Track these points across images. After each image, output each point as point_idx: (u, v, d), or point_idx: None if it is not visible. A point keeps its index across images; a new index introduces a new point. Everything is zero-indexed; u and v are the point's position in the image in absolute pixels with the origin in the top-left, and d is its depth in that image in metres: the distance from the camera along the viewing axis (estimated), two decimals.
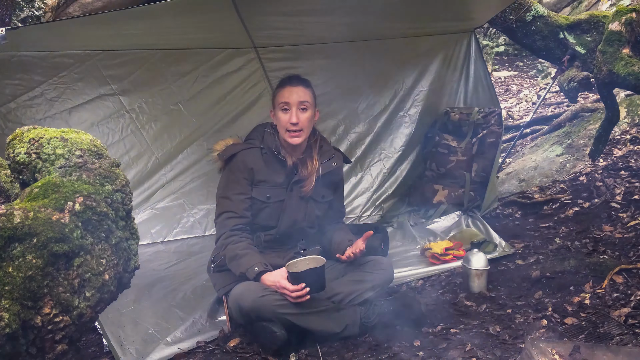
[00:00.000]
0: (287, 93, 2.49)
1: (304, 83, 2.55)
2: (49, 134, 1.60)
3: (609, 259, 2.75)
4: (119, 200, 1.59)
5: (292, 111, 2.47)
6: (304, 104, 2.48)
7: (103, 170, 1.58)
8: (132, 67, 3.41)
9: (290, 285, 2.26)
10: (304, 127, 2.49)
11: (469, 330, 2.35)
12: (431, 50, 3.91)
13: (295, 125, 2.46)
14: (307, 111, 2.50)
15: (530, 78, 7.87)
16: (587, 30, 3.91)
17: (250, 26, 3.20)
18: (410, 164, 4.11)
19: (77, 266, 1.41)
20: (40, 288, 1.33)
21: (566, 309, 2.40)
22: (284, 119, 2.48)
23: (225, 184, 2.56)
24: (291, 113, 2.46)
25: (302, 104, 2.48)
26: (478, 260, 2.73)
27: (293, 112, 2.46)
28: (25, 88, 3.10)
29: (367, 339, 2.37)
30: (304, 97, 2.49)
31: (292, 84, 2.51)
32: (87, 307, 1.44)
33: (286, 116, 2.47)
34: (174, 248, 3.58)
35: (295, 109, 2.47)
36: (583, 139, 4.48)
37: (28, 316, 1.31)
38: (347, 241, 2.58)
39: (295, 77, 2.56)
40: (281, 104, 2.49)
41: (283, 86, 2.53)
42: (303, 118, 2.48)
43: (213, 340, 2.47)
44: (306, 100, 2.49)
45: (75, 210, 1.44)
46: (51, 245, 1.35)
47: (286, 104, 2.48)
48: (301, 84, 2.52)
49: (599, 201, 3.46)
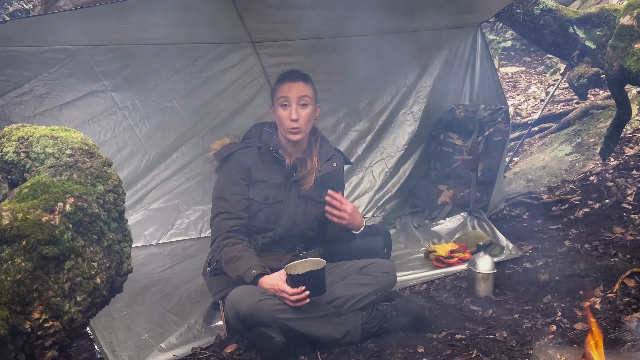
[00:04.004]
0: (287, 88, 2.50)
1: (304, 78, 2.55)
2: (38, 132, 1.60)
3: (620, 261, 2.75)
4: (111, 201, 1.59)
5: (292, 107, 2.47)
6: (304, 99, 2.49)
7: (95, 169, 1.58)
8: (124, 62, 3.40)
9: (290, 288, 2.26)
10: (303, 123, 2.50)
11: (474, 336, 2.35)
12: (435, 45, 3.90)
13: (295, 121, 2.47)
14: (307, 107, 2.50)
15: (539, 74, 7.87)
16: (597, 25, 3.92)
17: (248, 20, 3.20)
18: (414, 164, 4.10)
19: (68, 269, 1.41)
20: (29, 292, 1.33)
21: (576, 314, 2.40)
22: (284, 115, 2.49)
23: (221, 184, 2.56)
24: (291, 109, 2.47)
25: (302, 99, 2.49)
26: (484, 263, 2.73)
27: (293, 108, 2.47)
28: (14, 84, 3.10)
29: (369, 345, 2.36)
30: (304, 92, 2.50)
31: (292, 79, 2.52)
32: (78, 312, 1.43)
33: (285, 112, 2.48)
34: (168, 251, 3.58)
35: (295, 105, 2.47)
36: (593, 138, 4.48)
37: (17, 321, 1.30)
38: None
39: (295, 72, 2.57)
40: (280, 99, 2.49)
41: (282, 81, 2.53)
42: (303, 114, 2.49)
43: (209, 347, 2.46)
44: (306, 95, 2.50)
45: (65, 211, 1.44)
46: (41, 247, 1.35)
47: (285, 99, 2.48)
48: (301, 79, 2.53)
49: (609, 202, 3.46)
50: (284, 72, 2.62)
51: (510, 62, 8.59)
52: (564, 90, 6.26)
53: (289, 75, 2.56)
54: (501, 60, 8.41)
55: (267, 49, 3.66)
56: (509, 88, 7.37)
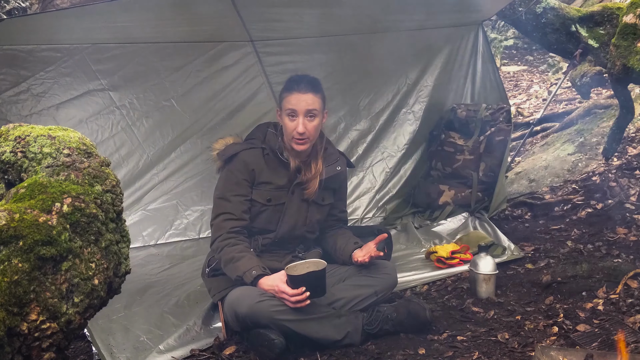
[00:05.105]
0: (295, 100, 2.45)
1: (314, 88, 2.49)
2: (35, 132, 1.60)
3: (623, 262, 2.75)
4: (109, 201, 1.59)
5: (299, 120, 2.44)
6: (313, 112, 2.46)
7: (92, 169, 1.58)
8: (122, 61, 3.40)
9: (290, 289, 2.26)
10: (310, 134, 2.48)
11: (476, 337, 2.36)
12: (436, 43, 3.90)
13: (301, 135, 2.45)
14: (315, 119, 2.47)
15: (541, 73, 7.88)
16: (600, 23, 3.92)
17: (247, 18, 3.20)
18: (415, 163, 4.10)
19: (65, 270, 1.41)
20: (26, 293, 1.33)
21: (578, 316, 2.40)
22: (290, 127, 2.46)
23: (224, 184, 2.56)
24: (298, 122, 2.44)
25: (310, 112, 2.45)
26: (486, 264, 2.73)
27: (300, 121, 2.44)
28: (11, 83, 3.10)
29: (369, 347, 2.36)
30: (313, 105, 2.45)
31: (301, 90, 2.46)
32: (76, 314, 1.43)
33: (292, 124, 2.45)
34: (166, 251, 3.58)
35: (302, 118, 2.44)
36: (596, 137, 4.49)
37: (13, 323, 1.30)
38: (353, 244, 2.58)
39: (304, 81, 2.49)
40: (287, 110, 2.46)
41: (291, 91, 2.48)
42: (310, 126, 2.46)
43: (208, 348, 2.46)
44: (314, 108, 2.46)
45: (63, 211, 1.44)
46: (38, 248, 1.35)
47: (293, 112, 2.45)
48: (310, 90, 2.46)
49: (612, 202, 3.46)
50: (294, 76, 2.55)
51: (512, 61, 8.59)
52: (567, 89, 6.26)
53: (297, 83, 2.48)
54: (503, 59, 8.41)
55: (267, 48, 3.66)
56: (511, 87, 7.38)
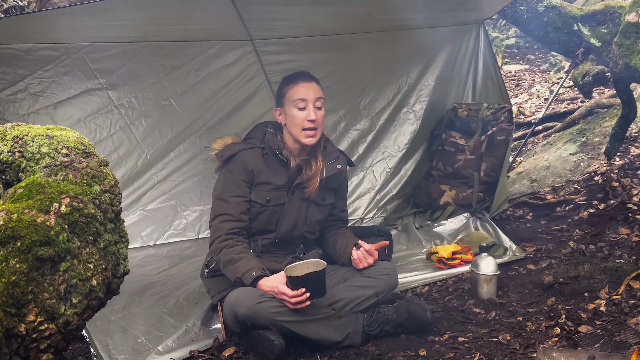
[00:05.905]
0: (303, 89, 2.49)
1: (316, 80, 2.57)
2: (33, 132, 1.61)
3: (625, 263, 2.75)
4: (107, 202, 1.59)
5: (310, 107, 2.48)
6: (320, 101, 2.52)
7: (90, 169, 1.58)
8: (121, 60, 3.40)
9: (290, 290, 2.26)
10: (319, 125, 2.52)
11: (477, 338, 2.36)
12: (437, 42, 3.90)
13: (313, 122, 2.47)
14: (321, 109, 2.54)
15: (543, 72, 7.88)
16: (602, 22, 3.91)
17: (246, 17, 3.20)
18: (416, 163, 4.11)
19: (64, 271, 1.41)
20: (24, 294, 1.33)
21: (580, 317, 2.40)
22: (301, 117, 2.48)
23: (222, 185, 2.55)
24: (309, 110, 2.47)
25: (318, 101, 2.51)
26: (487, 264, 2.73)
27: (311, 109, 2.48)
28: (8, 82, 3.10)
29: (369, 348, 2.36)
30: (320, 94, 2.53)
31: (306, 80, 2.53)
32: (74, 315, 1.43)
33: (303, 113, 2.48)
34: (165, 252, 3.58)
35: (312, 106, 2.48)
36: (598, 137, 4.48)
37: (11, 324, 1.30)
38: (352, 245, 2.58)
39: (306, 73, 2.58)
40: (297, 101, 2.48)
41: (296, 82, 2.52)
42: (319, 115, 2.51)
43: (207, 350, 2.46)
44: (321, 97, 2.53)
45: (61, 212, 1.44)
46: (36, 249, 1.35)
47: (303, 101, 2.48)
48: (314, 80, 2.55)
49: (615, 202, 3.46)
50: (292, 73, 2.60)
51: (513, 60, 8.59)
52: (569, 89, 6.26)
53: (301, 75, 2.55)
54: (504, 58, 8.41)
55: (266, 47, 3.67)
56: (513, 86, 7.37)
